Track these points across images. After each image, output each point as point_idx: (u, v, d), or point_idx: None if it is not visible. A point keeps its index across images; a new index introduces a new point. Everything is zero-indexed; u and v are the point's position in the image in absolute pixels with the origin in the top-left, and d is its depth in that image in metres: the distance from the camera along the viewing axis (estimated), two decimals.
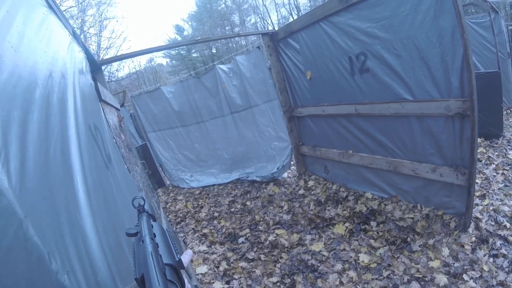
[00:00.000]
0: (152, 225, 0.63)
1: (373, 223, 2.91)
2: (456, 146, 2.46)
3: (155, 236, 0.58)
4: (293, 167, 5.07)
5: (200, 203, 4.86)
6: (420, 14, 2.42)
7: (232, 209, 4.27)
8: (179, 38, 27.32)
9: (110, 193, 1.32)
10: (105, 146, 1.51)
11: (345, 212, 3.31)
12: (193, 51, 26.99)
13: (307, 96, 4.06)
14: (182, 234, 4.01)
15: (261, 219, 3.73)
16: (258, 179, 4.95)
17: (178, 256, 0.53)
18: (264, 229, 3.48)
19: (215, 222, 4.08)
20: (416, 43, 2.55)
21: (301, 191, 4.22)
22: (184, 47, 26.39)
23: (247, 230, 3.54)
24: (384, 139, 3.19)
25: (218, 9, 27.07)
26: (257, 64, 4.42)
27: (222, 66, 4.76)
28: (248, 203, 4.33)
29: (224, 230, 3.76)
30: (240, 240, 3.39)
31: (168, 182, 6.39)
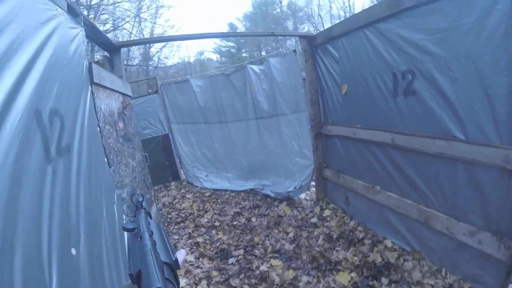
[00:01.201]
0: (149, 222, 0.64)
1: (384, 280, 2.47)
2: (507, 210, 1.97)
3: (152, 233, 0.59)
4: (313, 188, 4.69)
5: (206, 207, 4.69)
6: (487, 29, 1.95)
7: (235, 222, 4.02)
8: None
9: (50, 190, 1.15)
10: (62, 135, 1.35)
11: (355, 258, 2.89)
12: (243, 50, 27.33)
13: (339, 113, 3.68)
14: (176, 237, 3.85)
15: (261, 242, 3.43)
16: (272, 194, 4.65)
17: (175, 255, 0.54)
18: (260, 255, 3.17)
19: (213, 232, 3.86)
20: (478, 66, 2.06)
21: (314, 220, 3.84)
22: (235, 45, 26.83)
23: (242, 251, 3.26)
24: (420, 181, 2.72)
25: (273, 12, 27.15)
26: (291, 69, 4.13)
27: (254, 67, 4.54)
28: (253, 219, 4.05)
29: (218, 244, 3.52)
30: (231, 260, 3.12)
31: (183, 177, 6.33)
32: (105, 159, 1.91)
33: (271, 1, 27.03)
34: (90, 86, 1.87)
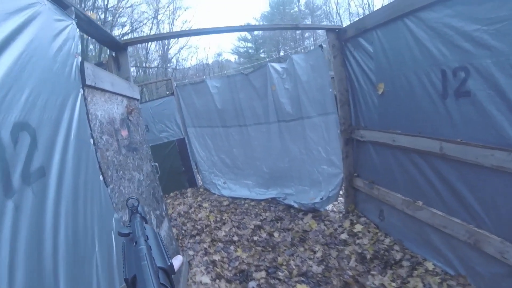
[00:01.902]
0: (144, 227, 0.64)
1: None
2: None
3: (147, 238, 0.59)
4: (341, 198, 4.27)
5: (224, 218, 4.38)
6: None
7: (255, 237, 3.68)
8: (249, 37, 27.89)
9: (9, 235, 0.87)
10: (33, 155, 1.06)
11: (393, 284, 2.49)
12: (261, 51, 27.19)
13: (374, 116, 3.26)
14: (191, 253, 3.57)
15: (285, 263, 3.07)
16: (295, 205, 4.28)
17: (170, 260, 0.54)
18: (284, 278, 2.82)
19: (232, 248, 3.54)
20: None
21: (344, 236, 3.43)
22: (253, 45, 26.74)
23: (263, 273, 2.92)
24: (472, 198, 2.29)
25: (291, 12, 26.80)
26: (317, 66, 3.75)
27: (275, 65, 4.19)
28: (276, 234, 3.69)
29: (237, 263, 3.20)
30: (251, 284, 2.78)
31: (200, 183, 6.08)
32: (101, 177, 1.63)
33: (288, 0, 26.76)
34: (81, 90, 1.59)
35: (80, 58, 1.67)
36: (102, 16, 13.34)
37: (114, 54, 2.77)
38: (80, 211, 1.35)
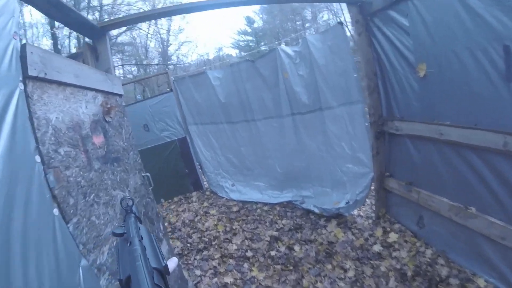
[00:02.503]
0: (139, 227, 0.65)
1: None
2: None
3: (142, 238, 0.59)
4: (368, 199, 3.75)
5: (234, 227, 3.90)
6: None
7: (273, 252, 3.19)
8: (249, 30, 27.66)
9: None
10: None
11: None
12: (262, 44, 26.78)
13: (413, 105, 2.71)
14: (198, 272, 3.10)
15: (311, 286, 2.58)
16: (316, 210, 3.77)
17: (165, 261, 0.54)
18: None
19: (245, 266, 3.06)
20: None
21: (377, 247, 2.93)
22: (253, 38, 26.42)
23: None
24: None
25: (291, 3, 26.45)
26: (336, 47, 3.19)
27: (286, 48, 3.64)
28: (296, 247, 3.20)
29: (254, 287, 2.72)
30: None
31: (206, 185, 5.61)
32: (55, 210, 1.14)
33: None
34: (20, 84, 1.10)
35: (21, 41, 1.18)
36: (98, 16, 12.90)
37: (91, 42, 2.27)
38: (15, 275, 0.87)
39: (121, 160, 1.84)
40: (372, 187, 3.44)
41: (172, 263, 0.59)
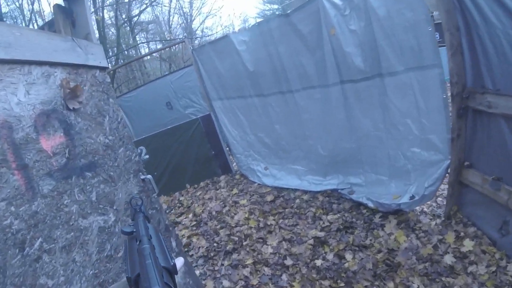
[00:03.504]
0: (148, 226, 0.67)
1: None
2: None
3: (151, 237, 0.61)
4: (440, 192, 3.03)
5: (269, 222, 3.38)
6: None
7: (319, 261, 2.63)
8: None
9: None
10: None
11: None
12: (289, 12, 25.99)
13: None
14: (227, 283, 2.65)
15: None
16: (370, 204, 3.12)
17: (173, 260, 0.56)
18: None
19: (284, 279, 2.55)
20: None
21: (449, 259, 2.30)
22: (279, 7, 25.26)
23: None
24: None
25: None
26: None
27: None
28: (348, 255, 2.61)
29: None
30: None
31: (235, 168, 5.11)
32: None
33: None
34: None
35: None
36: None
37: (64, 3, 1.69)
38: None
39: (100, 165, 1.30)
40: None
41: (179, 262, 0.60)
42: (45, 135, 1.04)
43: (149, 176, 1.68)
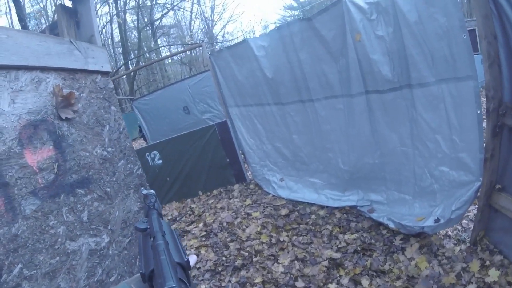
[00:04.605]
0: (161, 223, 0.70)
1: None
2: None
3: (164, 233, 0.64)
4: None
5: (282, 239, 3.25)
6: None
7: (332, 286, 2.47)
8: (295, 4, 27.14)
9: None
10: None
11: None
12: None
13: None
14: None
15: None
16: (391, 225, 2.94)
17: (187, 256, 0.59)
18: None
19: None
20: None
21: None
22: (300, 13, 26.17)
23: None
24: None
25: None
26: None
27: (358, 0, 2.69)
28: (364, 281, 2.44)
29: None
30: None
31: (250, 177, 5.02)
32: None
33: None
34: None
35: None
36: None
37: (72, 3, 1.67)
38: None
39: (95, 180, 1.24)
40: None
41: (192, 259, 0.62)
42: (30, 148, 0.99)
43: (152, 192, 1.60)
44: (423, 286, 2.27)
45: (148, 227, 0.66)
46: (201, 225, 3.99)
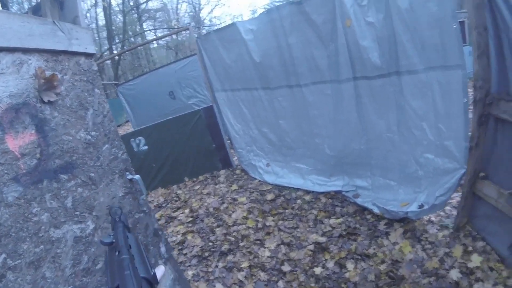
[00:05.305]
0: (127, 236, 0.67)
1: None
2: None
3: (130, 247, 0.62)
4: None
5: (268, 223, 3.24)
6: None
7: (318, 269, 2.49)
8: None
9: None
10: None
11: None
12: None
13: None
14: (220, 287, 2.51)
15: None
16: (375, 210, 2.97)
17: (153, 270, 0.57)
18: None
19: (280, 285, 2.42)
20: None
21: (455, 274, 2.15)
22: None
23: None
24: None
25: None
26: None
27: None
28: (349, 264, 2.46)
29: None
30: None
31: (236, 162, 4.98)
32: None
33: None
34: None
35: None
36: None
37: None
38: None
39: (79, 165, 1.16)
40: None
41: (159, 271, 0.60)
42: (12, 133, 0.90)
43: (137, 176, 1.52)
44: (407, 270, 2.30)
45: (114, 241, 0.64)
46: (187, 211, 3.93)
